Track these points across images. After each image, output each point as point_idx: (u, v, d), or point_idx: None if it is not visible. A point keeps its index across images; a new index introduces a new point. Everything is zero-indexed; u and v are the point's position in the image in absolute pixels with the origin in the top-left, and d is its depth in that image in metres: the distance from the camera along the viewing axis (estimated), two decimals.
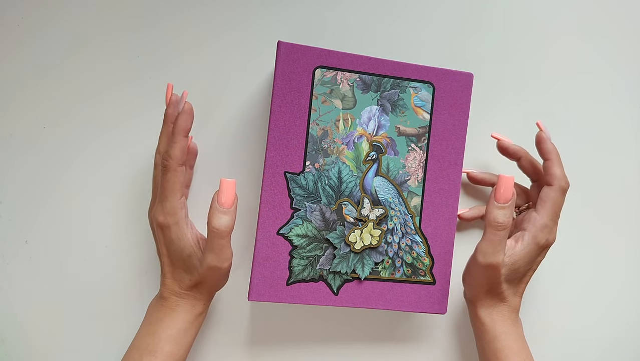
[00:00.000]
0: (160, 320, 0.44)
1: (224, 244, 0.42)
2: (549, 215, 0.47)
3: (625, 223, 0.58)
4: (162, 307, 0.45)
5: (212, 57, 0.53)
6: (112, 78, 0.52)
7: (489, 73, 0.56)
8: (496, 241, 0.43)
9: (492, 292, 0.46)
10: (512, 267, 0.45)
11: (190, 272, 0.44)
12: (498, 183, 0.44)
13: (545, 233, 0.46)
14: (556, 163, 0.48)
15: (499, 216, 0.43)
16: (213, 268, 0.43)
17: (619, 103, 0.58)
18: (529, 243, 0.46)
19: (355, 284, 0.47)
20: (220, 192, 0.42)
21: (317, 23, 0.54)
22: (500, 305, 0.47)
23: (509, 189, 0.43)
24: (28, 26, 0.51)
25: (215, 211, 0.41)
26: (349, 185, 0.47)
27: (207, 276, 0.44)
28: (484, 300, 0.47)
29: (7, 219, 0.51)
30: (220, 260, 0.43)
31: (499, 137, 0.52)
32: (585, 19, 0.58)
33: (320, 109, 0.46)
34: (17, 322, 0.51)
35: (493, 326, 0.46)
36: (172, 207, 0.43)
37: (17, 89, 0.51)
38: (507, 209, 0.43)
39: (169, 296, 0.45)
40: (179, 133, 0.43)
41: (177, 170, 0.43)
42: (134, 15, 0.52)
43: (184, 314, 0.45)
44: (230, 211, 0.42)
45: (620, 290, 0.58)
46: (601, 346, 0.58)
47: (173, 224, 0.43)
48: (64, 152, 0.51)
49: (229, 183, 0.42)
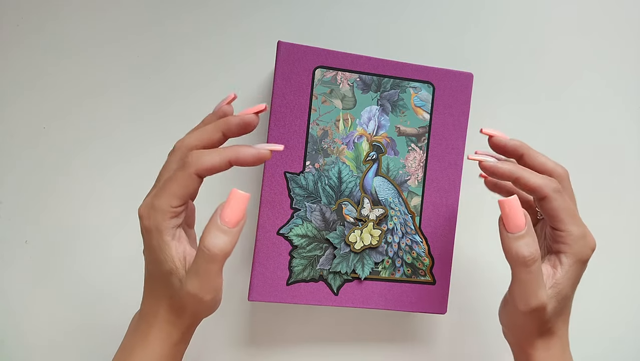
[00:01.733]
0: (132, 348, 0.36)
1: (213, 271, 0.33)
2: (573, 223, 0.38)
3: (625, 222, 0.58)
4: (136, 331, 0.37)
5: (212, 57, 0.53)
6: (112, 78, 0.52)
7: (489, 73, 0.56)
8: (532, 280, 0.36)
9: (543, 331, 0.39)
10: (558, 297, 0.37)
11: (168, 289, 0.35)
12: (501, 210, 0.36)
13: (584, 244, 0.38)
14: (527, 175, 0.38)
15: (521, 249, 0.35)
16: (193, 296, 0.34)
17: (620, 102, 0.58)
18: (571, 264, 0.38)
19: (355, 284, 0.47)
20: (226, 205, 0.33)
21: (317, 23, 0.54)
22: (553, 343, 0.39)
23: (516, 212, 0.36)
24: (28, 26, 0.51)
25: (212, 227, 0.33)
26: (349, 185, 0.47)
27: (187, 303, 0.35)
28: (536, 342, 0.39)
29: (7, 219, 0.51)
30: (204, 289, 0.34)
31: (491, 133, 0.41)
32: (586, 18, 0.58)
33: (320, 109, 0.46)
34: (17, 323, 0.51)
35: None
36: (162, 208, 0.34)
37: (17, 89, 0.51)
38: (527, 237, 0.35)
39: (144, 315, 0.37)
40: (227, 154, 0.34)
41: (192, 177, 0.34)
42: (134, 16, 0.52)
43: (158, 344, 0.36)
44: (232, 231, 0.33)
45: (620, 290, 0.58)
46: (601, 345, 0.58)
47: (154, 229, 0.34)
48: (64, 152, 0.51)
49: (240, 197, 0.33)
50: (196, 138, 0.36)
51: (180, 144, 0.36)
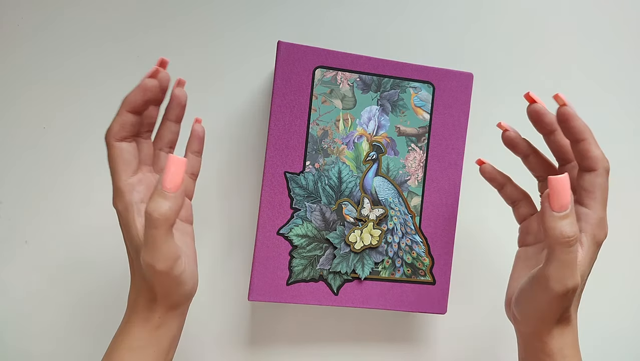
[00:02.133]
0: (117, 335, 0.38)
1: (159, 237, 0.33)
2: (601, 207, 0.38)
3: (625, 221, 0.58)
4: (123, 317, 0.38)
5: (212, 57, 0.53)
6: (112, 78, 0.52)
7: (489, 73, 0.56)
8: (571, 260, 0.35)
9: (562, 318, 0.38)
10: (581, 280, 0.37)
11: (142, 273, 0.36)
12: (550, 187, 0.34)
13: (602, 228, 0.38)
14: (593, 143, 0.38)
15: (565, 228, 0.34)
16: (149, 266, 0.34)
17: (620, 102, 0.58)
18: (589, 245, 0.37)
19: (355, 284, 0.47)
20: (164, 172, 0.33)
21: (317, 23, 0.54)
22: (568, 332, 0.38)
23: (566, 192, 0.34)
24: (28, 26, 0.51)
25: (155, 194, 0.33)
26: (349, 185, 0.47)
27: (151, 280, 0.35)
28: (553, 330, 0.38)
29: (7, 219, 0.51)
30: (154, 257, 0.34)
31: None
32: (586, 18, 0.58)
33: (320, 109, 0.46)
34: (17, 323, 0.51)
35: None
36: (118, 188, 0.37)
37: (17, 89, 0.51)
38: (571, 217, 0.34)
39: (129, 304, 0.38)
40: (121, 106, 0.37)
41: (113, 145, 0.36)
42: (134, 16, 0.52)
43: (136, 328, 0.37)
44: (173, 196, 0.33)
45: (620, 289, 0.58)
46: (601, 345, 0.58)
47: (122, 209, 0.36)
48: (64, 152, 0.51)
49: (176, 162, 0.33)
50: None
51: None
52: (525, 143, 0.43)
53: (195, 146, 0.43)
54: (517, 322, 0.40)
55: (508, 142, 0.43)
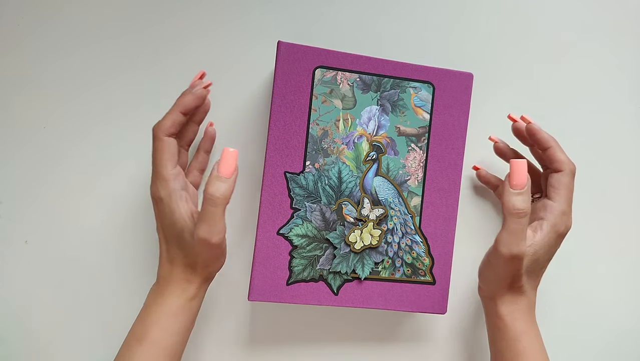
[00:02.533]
0: (148, 305, 0.43)
1: (217, 214, 0.40)
2: (565, 201, 0.46)
3: (625, 221, 0.58)
4: (154, 291, 0.43)
5: (212, 57, 0.53)
6: (112, 78, 0.52)
7: (489, 73, 0.56)
8: (518, 230, 0.42)
9: (513, 286, 0.45)
10: (532, 257, 0.44)
11: (182, 248, 0.42)
12: (511, 168, 0.42)
13: (564, 220, 0.45)
14: (558, 149, 0.47)
15: (517, 202, 0.41)
16: (203, 241, 0.40)
17: (621, 102, 0.58)
18: (548, 231, 0.45)
19: (355, 284, 0.47)
20: (220, 161, 0.40)
21: (317, 23, 0.54)
22: (520, 299, 0.45)
23: (522, 173, 0.42)
24: (28, 26, 0.51)
25: (212, 179, 0.40)
26: (349, 185, 0.47)
27: (199, 253, 0.41)
28: (505, 296, 0.45)
29: (7, 219, 0.51)
30: (211, 232, 0.40)
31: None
32: (586, 18, 0.58)
33: (320, 109, 0.46)
34: (17, 322, 0.51)
35: (514, 325, 0.45)
36: (162, 177, 0.42)
37: (17, 88, 0.51)
38: (525, 195, 0.42)
39: (160, 278, 0.43)
40: (176, 106, 0.44)
41: (162, 139, 0.43)
42: (134, 16, 0.52)
43: (173, 298, 0.42)
44: (228, 180, 0.40)
45: (621, 289, 0.58)
46: (601, 345, 0.58)
47: (165, 196, 0.42)
48: (64, 152, 0.51)
49: (230, 153, 0.40)
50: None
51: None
52: (512, 151, 0.52)
53: (207, 146, 0.50)
54: (480, 290, 0.48)
55: (498, 152, 0.53)
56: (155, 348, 0.41)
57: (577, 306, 0.57)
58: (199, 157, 0.50)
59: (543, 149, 0.47)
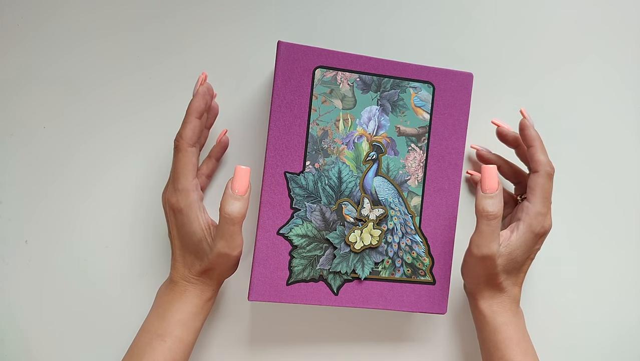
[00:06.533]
0: (170, 303, 0.44)
1: (235, 231, 0.42)
2: (540, 202, 0.47)
3: (625, 221, 0.58)
4: (172, 291, 0.45)
5: (212, 57, 0.53)
6: (112, 78, 0.52)
7: (489, 73, 0.56)
8: (488, 232, 0.44)
9: (491, 283, 0.46)
10: (509, 257, 0.45)
11: (200, 257, 0.44)
12: (482, 174, 0.44)
13: (539, 220, 0.46)
14: (539, 149, 0.48)
15: (487, 206, 0.43)
16: (223, 255, 0.43)
17: (621, 102, 0.58)
18: (524, 231, 0.46)
19: (355, 284, 0.47)
20: (234, 179, 0.42)
21: (317, 23, 0.54)
22: (500, 295, 0.47)
23: (493, 178, 0.44)
24: (28, 26, 0.51)
25: (228, 197, 0.41)
26: (349, 185, 0.47)
27: (217, 263, 0.44)
28: (483, 292, 0.47)
29: (7, 219, 0.51)
30: (231, 247, 0.43)
31: (499, 124, 0.53)
32: (586, 18, 0.58)
33: (320, 109, 0.46)
34: (17, 322, 0.51)
35: (493, 318, 0.46)
36: (184, 188, 0.43)
37: (17, 88, 0.51)
38: (495, 199, 0.43)
39: (179, 281, 0.45)
40: (190, 114, 0.44)
41: (186, 150, 0.44)
42: (134, 16, 0.52)
43: (194, 298, 0.45)
44: (243, 198, 0.42)
45: (621, 288, 0.58)
46: (600, 345, 0.58)
47: (185, 207, 0.43)
48: (64, 152, 0.51)
49: (243, 171, 0.42)
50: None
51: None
52: (495, 157, 0.54)
53: (219, 154, 0.51)
54: (464, 287, 0.50)
55: (480, 159, 0.54)
56: (179, 345, 0.43)
57: (577, 306, 0.57)
58: (209, 164, 0.51)
59: (527, 146, 0.49)
